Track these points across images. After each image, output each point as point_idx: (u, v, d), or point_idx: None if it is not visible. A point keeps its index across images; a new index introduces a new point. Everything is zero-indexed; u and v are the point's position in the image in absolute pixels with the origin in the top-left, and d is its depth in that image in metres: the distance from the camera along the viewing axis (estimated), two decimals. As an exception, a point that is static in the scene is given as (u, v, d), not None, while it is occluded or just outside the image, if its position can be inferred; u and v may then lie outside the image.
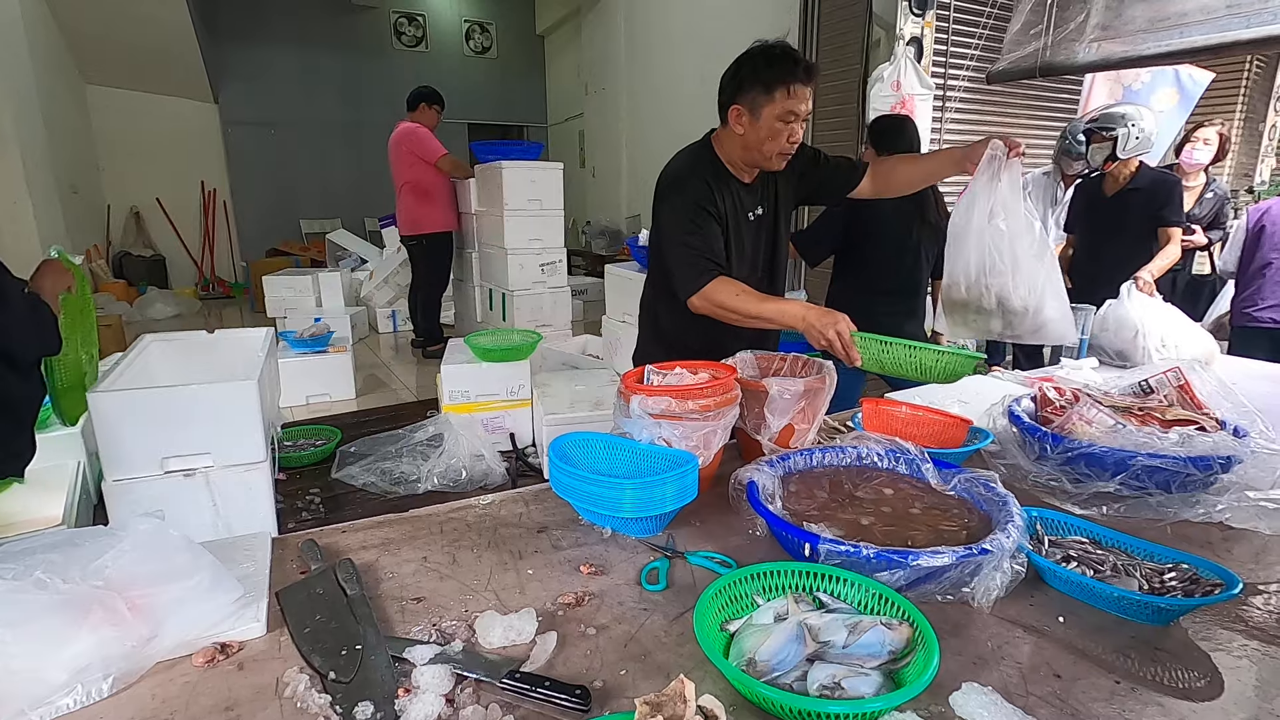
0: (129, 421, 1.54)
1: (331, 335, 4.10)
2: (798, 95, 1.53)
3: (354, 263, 6.84)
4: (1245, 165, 6.49)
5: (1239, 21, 2.94)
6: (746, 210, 1.71)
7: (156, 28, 6.70)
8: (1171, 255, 2.89)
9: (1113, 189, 3.04)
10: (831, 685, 0.67)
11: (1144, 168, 3.00)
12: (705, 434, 1.14)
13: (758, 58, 1.56)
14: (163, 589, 0.78)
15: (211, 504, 1.66)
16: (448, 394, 2.95)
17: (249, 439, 1.66)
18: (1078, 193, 3.31)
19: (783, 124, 1.55)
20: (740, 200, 1.70)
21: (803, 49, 4.91)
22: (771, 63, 1.54)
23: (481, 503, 1.18)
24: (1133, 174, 2.99)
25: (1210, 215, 3.62)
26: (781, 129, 1.56)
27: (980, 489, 1.00)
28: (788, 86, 1.52)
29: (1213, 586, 0.85)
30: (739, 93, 1.58)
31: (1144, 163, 2.99)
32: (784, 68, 1.52)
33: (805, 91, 1.54)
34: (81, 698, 0.70)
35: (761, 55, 1.56)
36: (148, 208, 8.04)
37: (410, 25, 9.27)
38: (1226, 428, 1.25)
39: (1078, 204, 3.27)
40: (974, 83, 4.60)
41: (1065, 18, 3.57)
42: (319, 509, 2.45)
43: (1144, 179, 2.98)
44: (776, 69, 1.53)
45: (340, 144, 8.94)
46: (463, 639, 0.80)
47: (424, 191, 4.75)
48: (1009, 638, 0.82)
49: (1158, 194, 2.92)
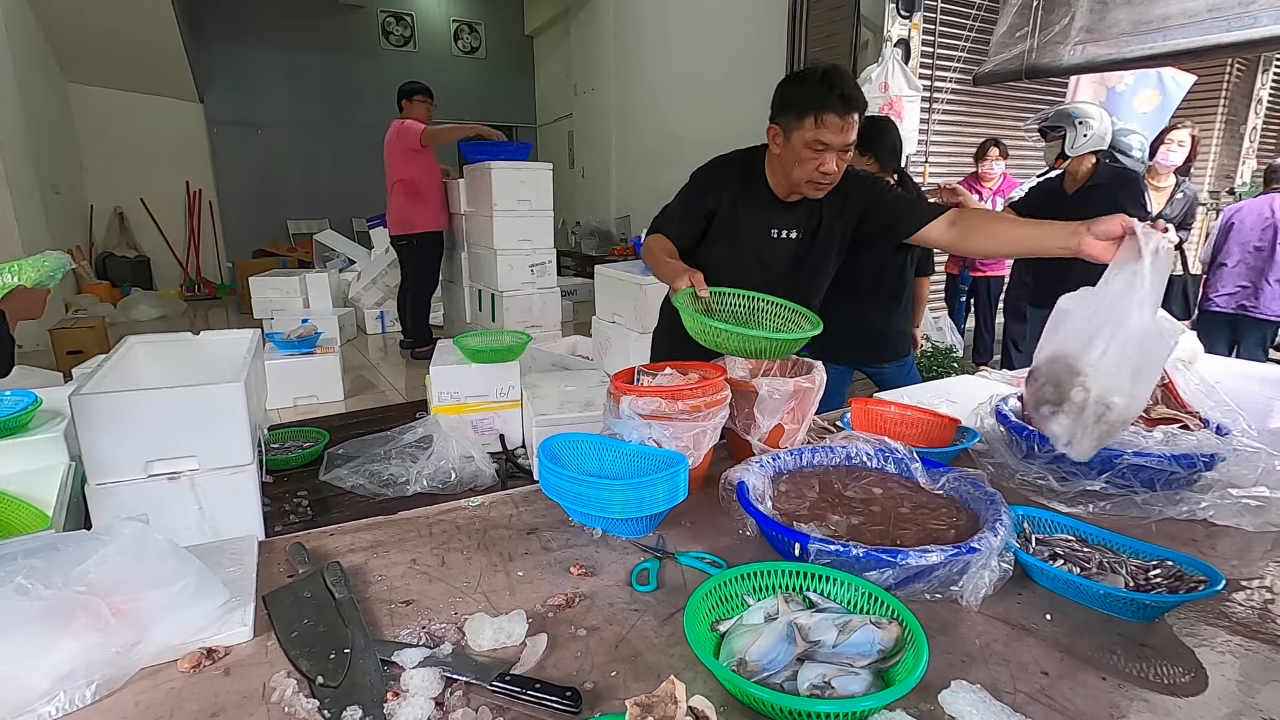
0: (112, 424, 1.52)
1: (319, 336, 4.07)
2: (828, 125, 1.47)
3: (342, 263, 6.79)
4: (1226, 167, 6.59)
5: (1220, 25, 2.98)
6: (771, 227, 1.69)
7: (140, 25, 6.63)
8: None
9: (1072, 186, 3.05)
10: (822, 685, 0.67)
11: (1101, 165, 3.01)
12: (695, 434, 1.15)
13: (798, 79, 1.54)
14: (147, 594, 0.77)
15: (197, 507, 1.64)
16: (437, 395, 2.93)
17: (235, 442, 1.64)
18: (1037, 189, 3.33)
19: (811, 152, 1.51)
20: (765, 214, 1.69)
21: (791, 51, 4.93)
22: (807, 87, 1.50)
23: (471, 504, 1.17)
24: (1091, 171, 2.99)
25: (1180, 215, 3.67)
26: (810, 157, 1.52)
27: (968, 488, 1.01)
28: (817, 115, 1.47)
29: (1197, 583, 0.86)
30: (777, 112, 1.56)
31: (1100, 159, 3.01)
32: (817, 94, 1.47)
33: (839, 122, 1.47)
34: (64, 705, 0.69)
35: (800, 78, 1.53)
36: (132, 208, 7.95)
37: (398, 25, 9.23)
38: (1210, 426, 1.27)
39: (1036, 200, 3.26)
40: (961, 84, 4.64)
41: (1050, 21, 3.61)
42: (307, 512, 2.43)
43: (1103, 175, 2.98)
44: (810, 95, 1.48)
45: (327, 144, 8.88)
46: (452, 641, 0.79)
47: (416, 191, 4.71)
48: (997, 635, 0.82)
49: (1119, 191, 2.92)
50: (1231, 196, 6.57)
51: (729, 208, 1.68)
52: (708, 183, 1.72)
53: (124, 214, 7.92)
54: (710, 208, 1.70)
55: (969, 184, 4.32)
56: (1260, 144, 6.74)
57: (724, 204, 1.68)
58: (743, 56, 5.67)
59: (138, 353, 1.94)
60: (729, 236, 1.72)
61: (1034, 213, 3.18)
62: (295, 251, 8.08)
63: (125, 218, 7.94)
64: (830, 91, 1.46)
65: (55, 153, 6.57)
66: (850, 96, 1.47)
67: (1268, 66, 6.47)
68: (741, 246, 1.71)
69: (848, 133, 1.50)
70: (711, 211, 1.70)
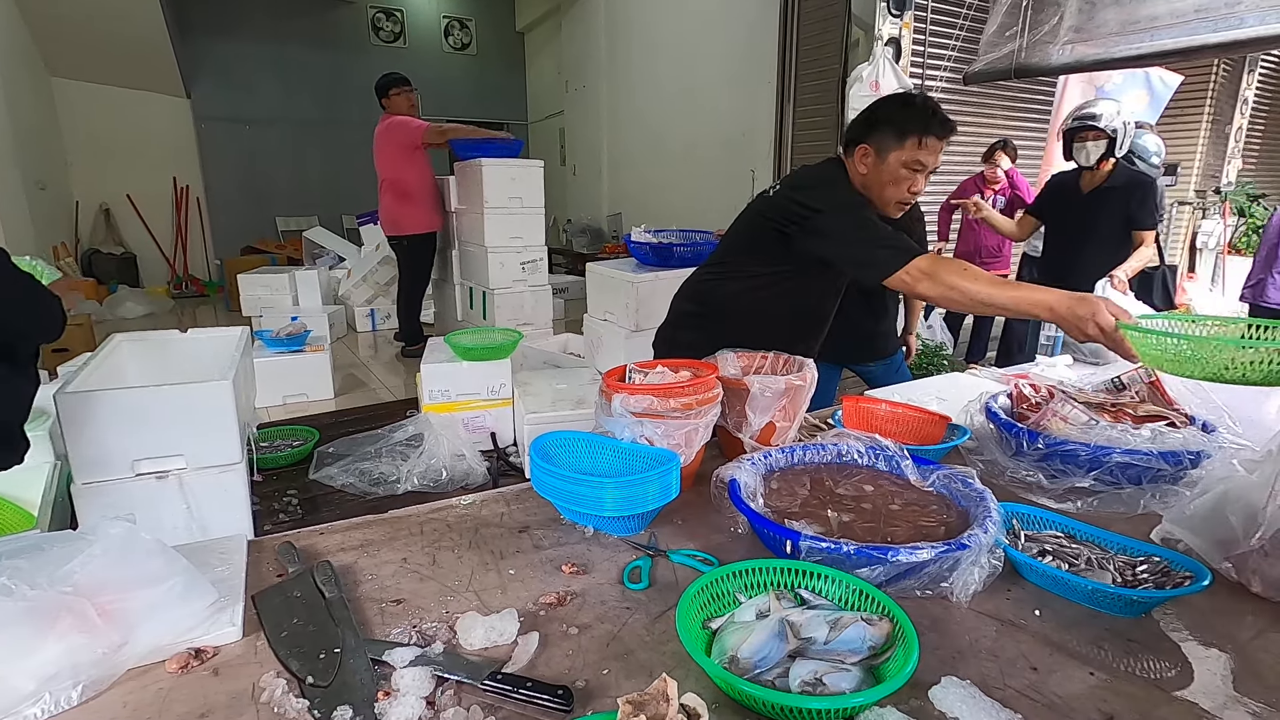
0: (98, 423, 1.50)
1: (309, 334, 4.04)
2: (929, 147, 1.53)
3: (331, 260, 6.75)
4: (1212, 167, 6.65)
5: (1207, 26, 3.01)
6: None
7: (126, 19, 6.55)
8: (1144, 257, 2.86)
9: (1089, 186, 2.97)
10: (813, 681, 0.67)
11: (1120, 166, 2.93)
12: (687, 432, 1.15)
13: (897, 101, 1.58)
14: (134, 594, 0.76)
15: (185, 507, 1.63)
16: (428, 393, 2.92)
17: (223, 440, 1.63)
18: (1052, 185, 3.24)
19: (908, 171, 1.55)
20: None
21: (782, 50, 4.94)
22: (909, 110, 1.55)
23: (462, 503, 1.17)
24: (1110, 172, 2.92)
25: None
26: (905, 177, 1.55)
27: (958, 485, 1.02)
28: (920, 137, 1.52)
29: (1183, 579, 0.87)
30: (870, 132, 1.57)
31: (1119, 160, 2.93)
32: (921, 118, 1.52)
33: (938, 145, 1.54)
34: (50, 706, 0.68)
35: (901, 100, 1.58)
36: (118, 204, 7.86)
37: (388, 21, 9.17)
38: (1196, 423, 1.28)
39: (1050, 197, 3.19)
40: (951, 83, 4.67)
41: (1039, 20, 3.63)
42: (296, 511, 2.41)
43: (1120, 178, 2.91)
44: (914, 117, 1.53)
45: (317, 140, 8.81)
46: (443, 640, 0.79)
47: (404, 192, 4.65)
48: (987, 631, 0.83)
49: (1132, 195, 2.87)
50: (1218, 196, 6.64)
51: None
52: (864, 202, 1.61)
53: (110, 210, 7.83)
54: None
55: (975, 184, 4.34)
56: (1245, 145, 6.81)
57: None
58: (734, 54, 5.67)
59: (124, 350, 1.92)
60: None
61: (1045, 209, 3.19)
62: (284, 248, 8.01)
63: (111, 214, 7.85)
64: (933, 117, 1.53)
65: (39, 148, 6.48)
66: (948, 123, 1.54)
67: (1253, 67, 6.54)
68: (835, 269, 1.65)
69: (938, 155, 1.55)
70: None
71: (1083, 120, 2.89)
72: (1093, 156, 2.88)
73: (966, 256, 4.42)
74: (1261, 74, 6.69)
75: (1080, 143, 2.90)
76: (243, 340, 1.97)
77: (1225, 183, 6.67)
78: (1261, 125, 7.12)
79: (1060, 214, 3.12)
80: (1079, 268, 2.85)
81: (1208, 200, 6.68)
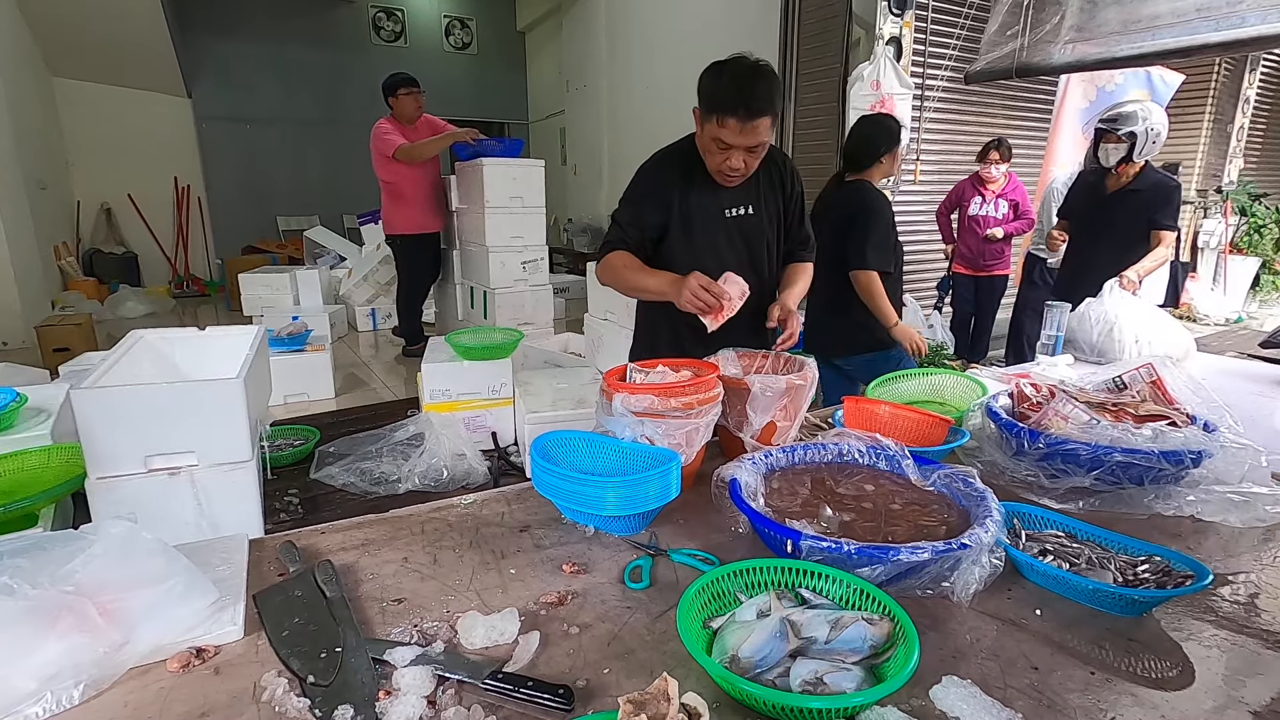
0: (112, 419, 1.51)
1: (309, 334, 4.04)
2: (727, 127, 1.45)
3: (332, 260, 6.75)
4: (1214, 166, 6.64)
5: (1208, 25, 3.01)
6: (724, 208, 1.69)
7: (127, 19, 6.55)
8: (1160, 257, 2.85)
9: (1114, 186, 2.98)
10: (814, 681, 0.67)
11: (1148, 168, 2.93)
12: (688, 431, 1.15)
13: (712, 70, 1.50)
14: (135, 593, 0.76)
15: (196, 503, 1.63)
16: (428, 393, 2.92)
17: (234, 438, 1.63)
18: (1079, 184, 3.26)
19: (716, 146, 1.52)
20: (715, 197, 1.67)
21: (783, 49, 4.93)
22: (715, 84, 1.47)
23: (463, 502, 1.17)
24: (1137, 174, 2.93)
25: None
26: (715, 150, 1.53)
27: (959, 484, 1.02)
28: (717, 116, 1.46)
29: (1184, 578, 0.87)
30: (698, 97, 1.54)
31: (1149, 163, 2.93)
32: (722, 96, 1.44)
33: (737, 125, 1.45)
34: (51, 706, 0.68)
35: (715, 70, 1.49)
36: (119, 204, 7.86)
37: (389, 20, 9.17)
38: (1197, 423, 1.28)
39: (1077, 196, 3.21)
40: (952, 82, 4.66)
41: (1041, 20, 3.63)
42: (297, 510, 2.41)
43: (1146, 180, 2.92)
44: (716, 94, 1.46)
45: (318, 140, 8.81)
46: (444, 640, 0.79)
47: (395, 194, 4.65)
48: (987, 631, 0.83)
49: (1155, 197, 2.87)
50: (1219, 195, 6.63)
51: (681, 199, 1.66)
52: (657, 178, 1.68)
53: (111, 210, 7.84)
54: (671, 200, 1.66)
55: (971, 184, 4.32)
56: (1247, 144, 6.80)
57: (678, 195, 1.66)
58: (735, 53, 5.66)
59: (143, 347, 1.94)
60: (686, 228, 1.68)
61: (1074, 208, 3.21)
62: (285, 248, 8.01)
63: (112, 214, 7.85)
64: (736, 95, 1.43)
65: (41, 148, 6.49)
66: (755, 106, 1.43)
67: (1255, 66, 6.52)
68: (702, 234, 1.68)
69: (750, 135, 1.47)
70: (671, 204, 1.66)
71: (1106, 123, 2.91)
72: (1112, 159, 2.91)
73: (968, 258, 4.41)
74: (1263, 73, 6.68)
75: (1104, 143, 2.93)
76: (257, 338, 1.97)
77: (1227, 182, 6.66)
78: (1263, 124, 7.11)
79: (1084, 212, 3.15)
80: (1096, 266, 2.84)
81: (1209, 199, 6.68)
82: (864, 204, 2.42)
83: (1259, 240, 6.71)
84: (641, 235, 1.68)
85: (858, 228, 2.38)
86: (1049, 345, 2.17)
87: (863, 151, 2.46)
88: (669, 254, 1.72)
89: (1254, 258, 6.71)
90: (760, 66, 1.47)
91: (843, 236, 2.40)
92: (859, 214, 2.40)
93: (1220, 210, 6.62)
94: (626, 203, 1.70)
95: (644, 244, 1.69)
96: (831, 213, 2.49)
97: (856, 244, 2.38)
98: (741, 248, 1.75)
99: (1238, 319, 6.36)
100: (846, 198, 2.48)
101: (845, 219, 2.42)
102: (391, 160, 4.49)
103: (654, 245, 1.72)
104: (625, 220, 1.69)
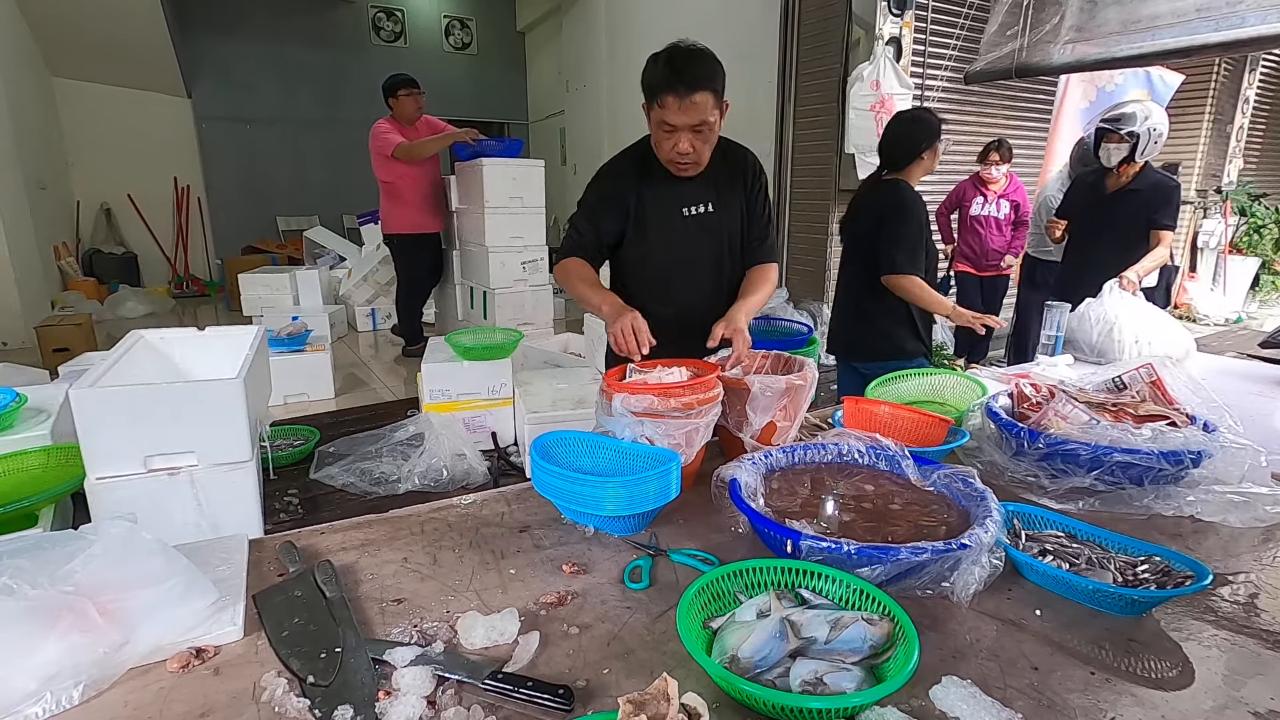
0: (111, 419, 1.51)
1: (309, 334, 4.05)
2: (669, 106, 1.45)
3: (332, 260, 6.75)
4: (1213, 166, 6.64)
5: (1208, 25, 3.01)
6: (682, 206, 1.67)
7: (126, 19, 6.55)
8: (1159, 257, 2.85)
9: (1114, 186, 2.98)
10: (814, 681, 0.67)
11: (1148, 168, 2.93)
12: (688, 431, 1.15)
13: (649, 61, 1.50)
14: (135, 593, 0.76)
15: (196, 504, 1.63)
16: (428, 393, 2.92)
17: (234, 438, 1.63)
18: (1078, 184, 3.26)
19: (663, 133, 1.52)
20: (672, 195, 1.66)
21: (783, 49, 4.93)
22: (651, 68, 1.48)
23: (463, 502, 1.17)
24: (1136, 173, 2.92)
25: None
26: (663, 137, 1.52)
27: (959, 485, 1.02)
28: (659, 96, 1.47)
29: (1184, 578, 0.87)
30: (642, 90, 1.54)
31: (1149, 163, 2.93)
32: (659, 77, 1.45)
33: (678, 103, 1.45)
34: (51, 706, 0.68)
35: (651, 60, 1.50)
36: (119, 204, 7.86)
37: (389, 20, 9.17)
38: (1197, 423, 1.28)
39: (1076, 196, 3.21)
40: (952, 82, 4.66)
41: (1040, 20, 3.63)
42: (297, 510, 2.41)
43: (1145, 180, 2.92)
44: (653, 78, 1.47)
45: (318, 140, 8.81)
46: (444, 640, 0.79)
47: (394, 194, 4.66)
48: (987, 631, 0.83)
49: (1155, 197, 2.87)
50: (1219, 196, 6.64)
51: (637, 201, 1.66)
52: (612, 181, 1.68)
53: (111, 210, 7.84)
54: (628, 203, 1.66)
55: (973, 184, 4.32)
56: (1247, 144, 6.80)
57: (635, 196, 1.65)
58: (735, 54, 5.65)
59: (143, 347, 1.94)
60: (643, 229, 1.67)
61: (1074, 209, 3.19)
62: (285, 248, 8.01)
63: (112, 214, 7.85)
64: (671, 73, 1.44)
65: (40, 148, 6.49)
66: (689, 77, 1.43)
67: (1255, 66, 6.53)
68: (660, 235, 1.67)
69: (692, 113, 1.46)
70: (628, 207, 1.66)
71: (1108, 122, 2.90)
72: (1114, 159, 2.90)
73: (970, 259, 4.40)
74: (1263, 73, 6.68)
75: (1105, 144, 2.92)
76: (258, 338, 1.97)
77: (1226, 182, 6.66)
78: (1262, 124, 7.11)
79: (1084, 213, 3.14)
80: (1096, 266, 2.83)
81: (1209, 199, 6.68)
82: (895, 204, 2.33)
83: (1258, 240, 6.72)
84: (598, 240, 1.68)
85: (887, 230, 2.30)
86: (1049, 345, 2.17)
87: (902, 149, 2.35)
88: (626, 255, 1.71)
89: (1253, 258, 6.72)
90: (694, 48, 1.48)
91: (874, 239, 2.34)
92: (889, 215, 2.32)
93: (1220, 210, 6.63)
94: (583, 206, 1.70)
95: (600, 249, 1.69)
96: (864, 214, 2.42)
97: (886, 248, 2.30)
98: (701, 246, 1.70)
99: (1237, 319, 6.36)
100: (879, 198, 2.39)
101: (877, 221, 2.35)
102: (390, 159, 4.50)
103: (611, 250, 1.72)
104: (581, 225, 1.68)
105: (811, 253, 5.00)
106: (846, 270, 2.56)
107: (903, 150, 2.35)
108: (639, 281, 1.73)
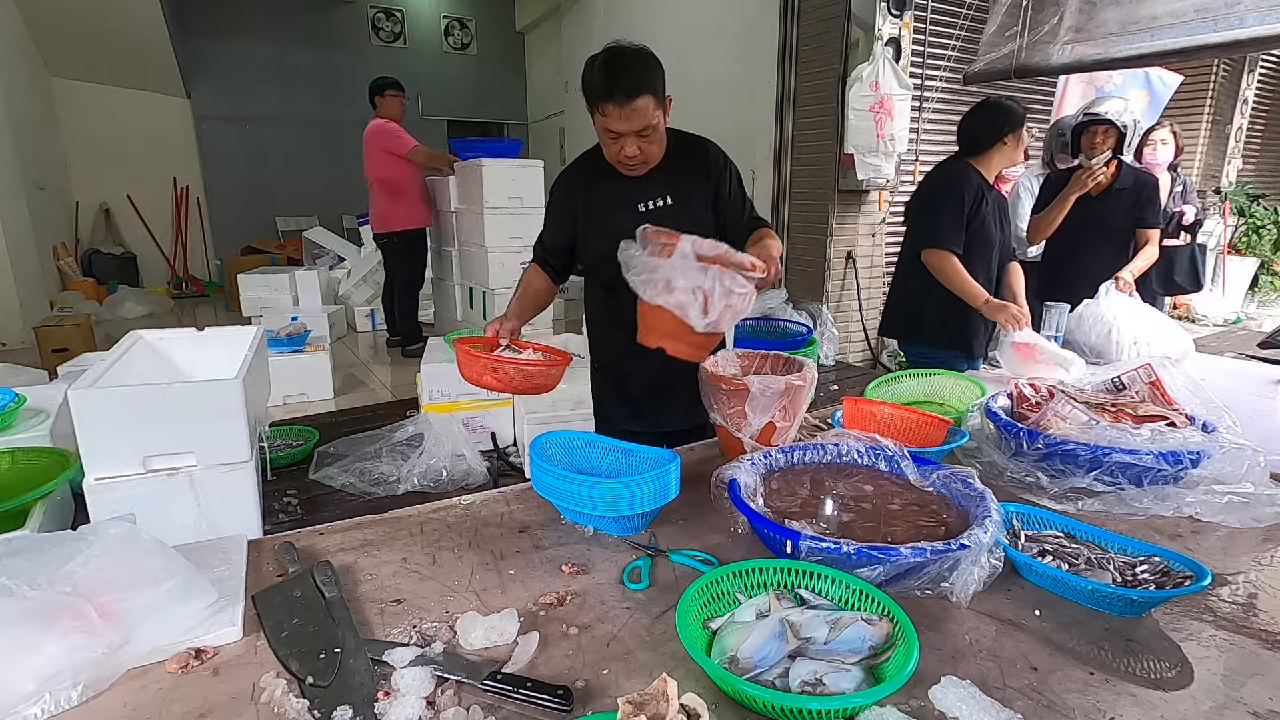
0: (110, 419, 1.51)
1: (309, 334, 4.04)
2: (610, 114, 1.45)
3: (331, 260, 6.75)
4: (1212, 167, 6.64)
5: (1207, 26, 3.01)
6: (638, 201, 1.64)
7: (125, 19, 6.55)
8: (1150, 256, 2.85)
9: (1098, 190, 2.94)
10: (813, 681, 0.67)
11: (1124, 166, 2.92)
12: (748, 295, 1.16)
13: (586, 65, 1.49)
14: (134, 594, 0.76)
15: (195, 504, 1.63)
16: (427, 393, 2.92)
17: (233, 438, 1.63)
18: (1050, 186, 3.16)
19: (608, 137, 1.52)
20: (626, 191, 1.64)
21: (783, 49, 4.93)
22: (587, 78, 1.47)
23: (462, 503, 1.17)
24: (1115, 174, 2.90)
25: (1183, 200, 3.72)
26: (609, 141, 1.53)
27: (958, 485, 1.02)
28: (600, 105, 1.46)
29: (1183, 579, 0.87)
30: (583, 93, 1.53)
31: (1123, 160, 2.93)
32: (596, 86, 1.45)
33: (616, 111, 1.44)
34: (50, 707, 0.68)
35: (588, 65, 1.49)
36: (118, 204, 7.86)
37: (388, 21, 9.16)
38: (1196, 423, 1.28)
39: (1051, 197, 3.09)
40: (951, 83, 4.66)
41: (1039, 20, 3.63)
42: (296, 511, 2.41)
43: (1127, 178, 2.90)
44: (590, 87, 1.47)
45: (317, 140, 8.80)
46: (444, 640, 0.79)
47: (395, 189, 4.70)
48: (987, 631, 0.83)
49: (1140, 195, 2.87)
50: (1218, 196, 6.64)
51: (588, 201, 1.66)
52: (562, 190, 1.72)
53: (110, 210, 7.83)
54: (574, 210, 1.67)
55: None
56: (1245, 144, 6.81)
57: (583, 201, 1.67)
58: (734, 54, 5.66)
59: (142, 347, 1.94)
60: (600, 229, 1.65)
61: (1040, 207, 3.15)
62: (284, 248, 8.00)
63: (111, 214, 7.84)
64: (606, 80, 1.43)
65: (39, 148, 6.48)
66: (626, 83, 1.42)
67: (1253, 67, 6.53)
68: (616, 232, 1.60)
69: (633, 119, 1.45)
70: (575, 214, 1.68)
71: (1094, 116, 2.88)
72: (1105, 152, 2.87)
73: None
74: (1261, 74, 6.68)
75: (1092, 139, 2.88)
76: (257, 339, 1.97)
77: (1225, 183, 6.67)
78: (1261, 125, 7.11)
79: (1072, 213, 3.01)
80: (1091, 269, 2.80)
81: (1208, 200, 6.68)
82: (942, 179, 2.27)
83: (1257, 241, 6.72)
84: (544, 249, 1.77)
85: (932, 205, 2.25)
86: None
87: (983, 134, 2.27)
88: (587, 258, 1.72)
89: (1252, 258, 6.72)
90: (630, 50, 1.47)
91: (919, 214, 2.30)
92: (936, 191, 2.27)
93: (1219, 211, 6.63)
94: (545, 216, 1.80)
95: (547, 257, 1.78)
96: (918, 192, 2.38)
97: (925, 220, 2.24)
98: None
99: (1236, 320, 6.37)
100: (931, 175, 2.34)
101: (925, 199, 2.30)
102: (400, 158, 4.63)
103: (569, 254, 1.76)
104: (543, 235, 1.79)
105: (811, 253, 5.00)
106: (904, 254, 2.53)
107: (983, 136, 2.28)
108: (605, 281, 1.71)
